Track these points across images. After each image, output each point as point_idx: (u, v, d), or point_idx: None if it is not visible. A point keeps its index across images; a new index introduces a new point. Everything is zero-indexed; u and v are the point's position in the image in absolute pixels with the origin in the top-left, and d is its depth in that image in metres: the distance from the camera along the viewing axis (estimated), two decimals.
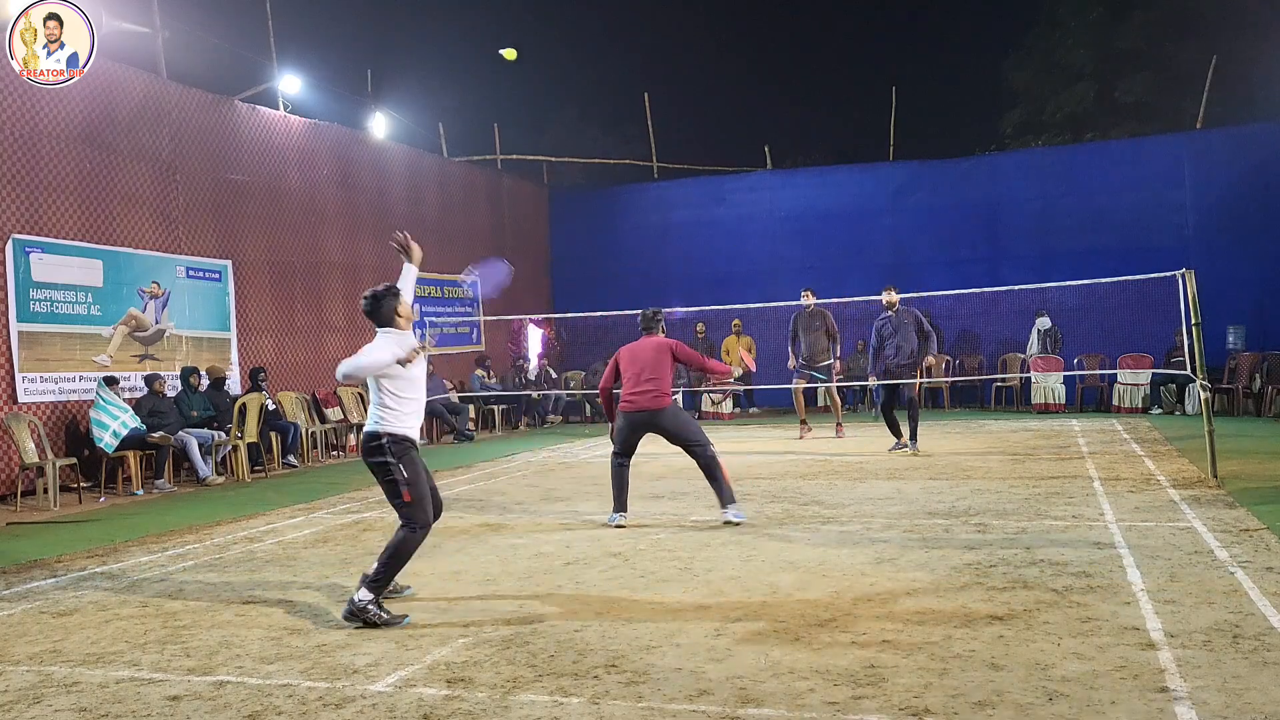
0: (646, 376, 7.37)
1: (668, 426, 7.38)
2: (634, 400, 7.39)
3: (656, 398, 7.34)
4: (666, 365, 7.42)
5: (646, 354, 7.46)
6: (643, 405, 7.35)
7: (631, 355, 7.54)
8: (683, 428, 7.44)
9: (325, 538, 7.48)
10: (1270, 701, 3.44)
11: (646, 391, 7.34)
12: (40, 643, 4.88)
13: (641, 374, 7.39)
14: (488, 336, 18.81)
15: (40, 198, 10.78)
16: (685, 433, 7.42)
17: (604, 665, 4.14)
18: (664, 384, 7.37)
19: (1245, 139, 17.08)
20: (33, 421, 10.20)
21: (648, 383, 7.35)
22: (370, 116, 16.95)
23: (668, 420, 7.38)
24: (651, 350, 7.47)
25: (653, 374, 7.36)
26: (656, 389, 7.34)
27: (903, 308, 11.59)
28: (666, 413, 7.38)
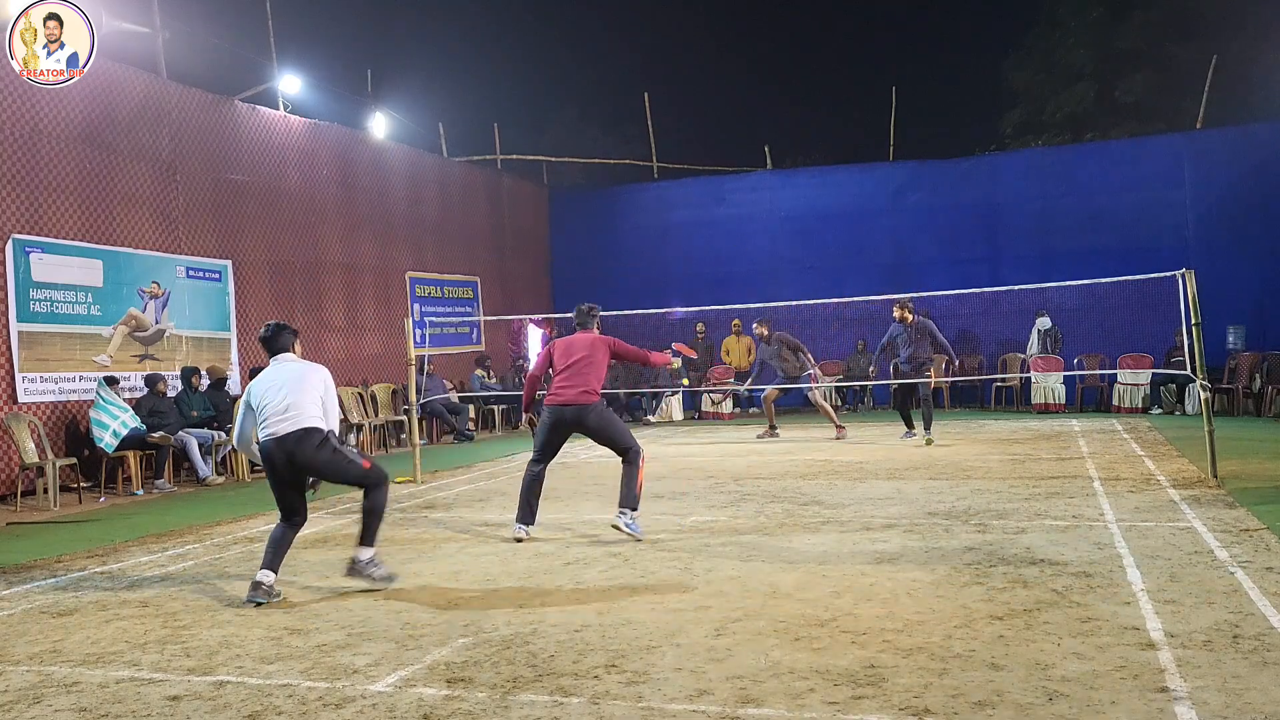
0: (577, 371, 7.02)
1: (593, 425, 6.99)
2: (560, 394, 7.03)
3: (585, 393, 6.97)
4: (601, 362, 7.10)
5: (581, 348, 7.11)
6: (569, 399, 6.98)
7: (567, 348, 7.19)
8: (609, 427, 7.05)
9: (325, 538, 7.48)
10: (1270, 701, 3.44)
11: (575, 386, 6.98)
12: (40, 643, 4.88)
13: (574, 367, 7.04)
14: (488, 336, 18.82)
15: (40, 198, 10.78)
16: (612, 433, 7.04)
17: (604, 665, 4.14)
18: (595, 380, 7.03)
19: (1245, 139, 17.09)
20: (33, 421, 10.21)
21: (579, 377, 7.00)
22: (370, 116, 16.96)
23: (593, 419, 6.98)
24: (587, 345, 7.13)
25: (584, 369, 7.03)
26: (586, 385, 6.99)
27: (917, 320, 12.44)
28: (592, 411, 6.98)
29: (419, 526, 7.83)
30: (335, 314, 15.24)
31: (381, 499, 5.81)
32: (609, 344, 7.21)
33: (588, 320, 7.36)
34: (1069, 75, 25.61)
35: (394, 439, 14.89)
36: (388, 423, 14.81)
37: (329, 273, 15.19)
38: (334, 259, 15.32)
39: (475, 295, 18.77)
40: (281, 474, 5.74)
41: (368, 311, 15.92)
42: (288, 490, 5.82)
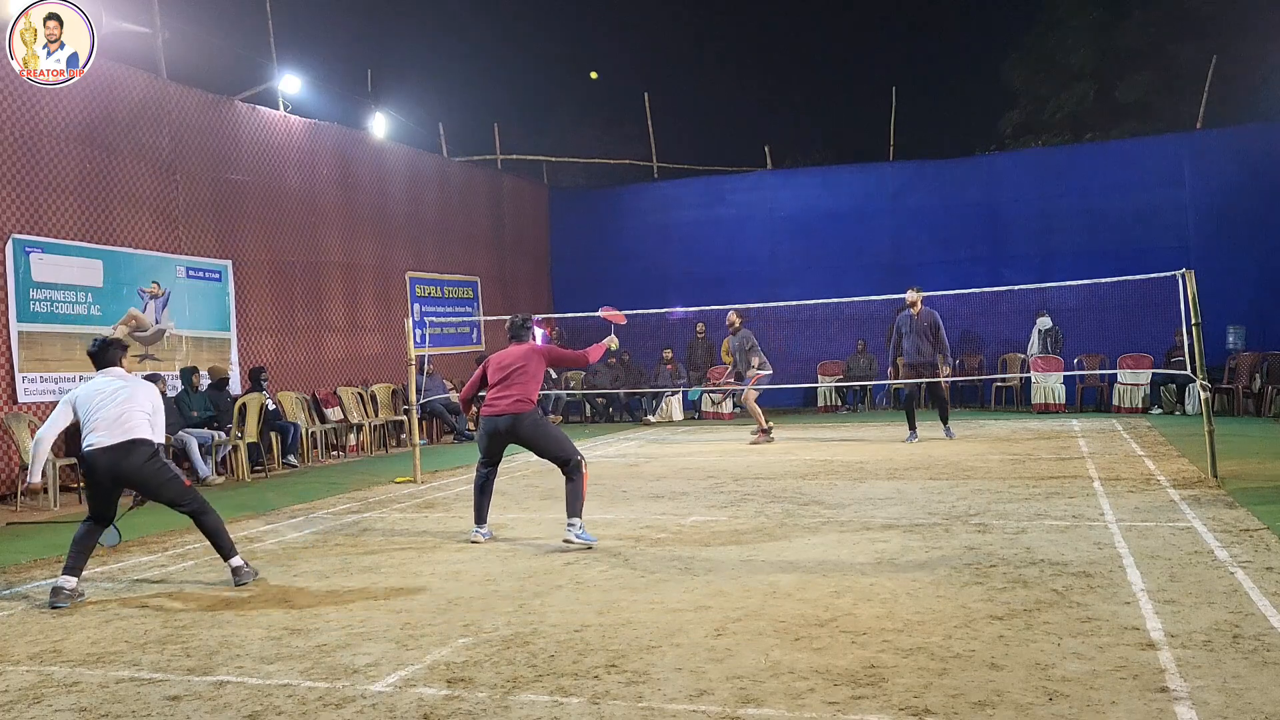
0: (512, 381, 6.98)
1: (526, 435, 6.93)
2: (494, 404, 6.99)
3: (518, 402, 6.92)
4: (535, 370, 7.05)
5: (514, 359, 7.08)
6: (503, 409, 6.92)
7: (499, 362, 7.17)
8: (543, 438, 6.97)
9: (325, 538, 7.48)
10: (1270, 701, 3.45)
11: (508, 396, 6.93)
12: (40, 643, 4.88)
13: (507, 379, 7.00)
14: (488, 336, 18.81)
15: (40, 198, 10.78)
16: (547, 443, 6.97)
17: (604, 665, 4.14)
18: (529, 389, 6.99)
19: (1245, 139, 17.09)
20: (33, 421, 10.20)
21: (513, 387, 6.95)
22: (370, 116, 16.95)
23: (526, 428, 6.91)
24: (520, 356, 7.10)
25: (519, 379, 6.98)
26: (521, 394, 6.94)
27: (925, 310, 12.51)
28: (526, 420, 6.90)
29: (419, 526, 7.83)
30: (335, 314, 15.24)
31: (213, 520, 6.05)
32: (543, 353, 7.24)
33: (521, 333, 7.36)
34: (1069, 75, 25.61)
35: (394, 439, 14.89)
36: (388, 423, 14.81)
37: (329, 273, 15.18)
38: (334, 259, 15.32)
39: (475, 295, 18.77)
40: (103, 482, 5.87)
41: (368, 311, 15.92)
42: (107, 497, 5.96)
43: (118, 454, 5.77)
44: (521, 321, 7.40)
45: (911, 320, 12.44)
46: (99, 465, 5.79)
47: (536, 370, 7.06)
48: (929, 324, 12.36)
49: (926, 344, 12.34)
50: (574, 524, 6.69)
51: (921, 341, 12.34)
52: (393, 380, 15.44)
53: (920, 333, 12.35)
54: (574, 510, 6.74)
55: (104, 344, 6.19)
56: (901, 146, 19.87)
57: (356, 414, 14.36)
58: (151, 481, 5.94)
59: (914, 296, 12.48)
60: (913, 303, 12.46)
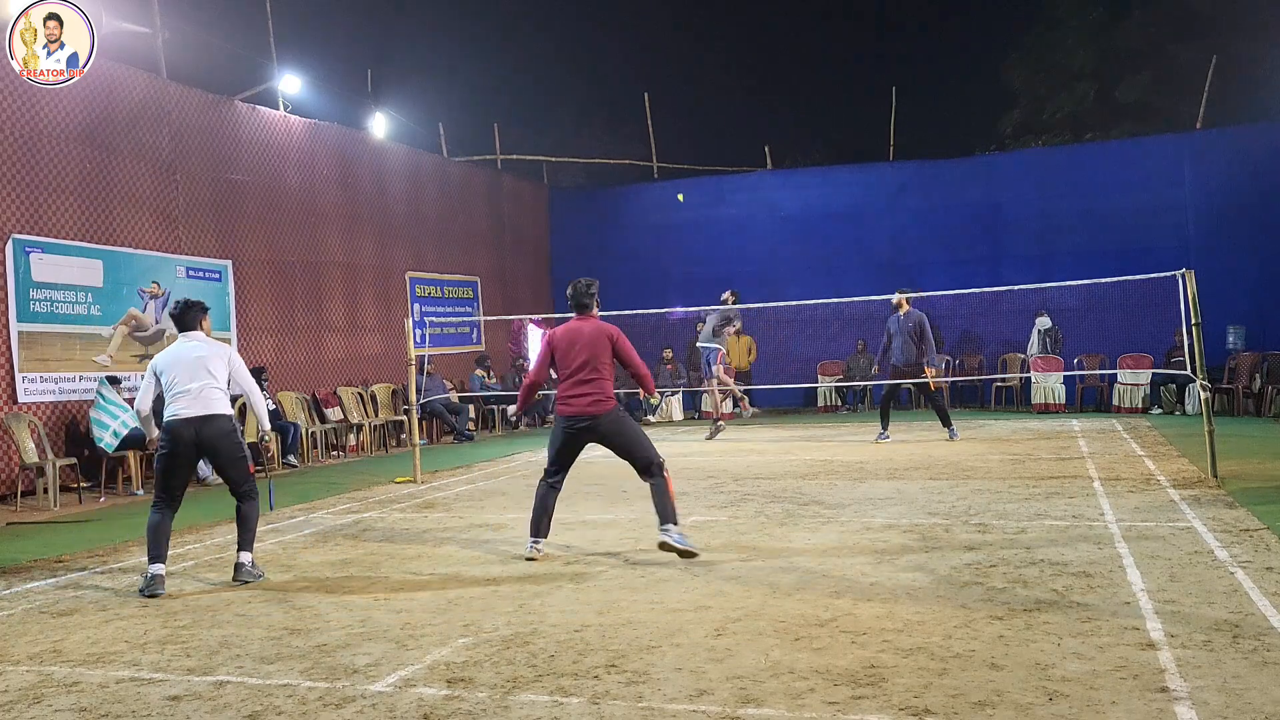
0: (588, 372, 6.14)
1: (607, 434, 6.16)
2: (570, 402, 6.16)
3: (599, 401, 6.12)
4: (608, 361, 6.19)
5: (585, 344, 6.18)
6: (580, 409, 6.12)
7: (569, 341, 6.22)
8: (624, 436, 6.19)
9: (325, 538, 7.48)
10: (1270, 701, 3.44)
11: (587, 394, 6.13)
12: (40, 643, 4.88)
13: (581, 370, 6.15)
14: (488, 336, 18.82)
15: (40, 198, 10.78)
16: (628, 444, 6.19)
17: (604, 665, 4.14)
18: (607, 382, 6.17)
19: (1245, 139, 17.09)
20: (33, 421, 10.21)
21: (588, 383, 6.14)
22: (370, 116, 16.96)
23: (607, 427, 6.14)
24: (589, 340, 6.18)
25: (593, 371, 6.15)
26: (600, 391, 6.13)
27: (911, 311, 12.57)
28: (606, 419, 6.12)
29: (419, 526, 7.83)
30: (335, 314, 15.24)
31: (254, 510, 6.08)
32: (612, 339, 6.26)
33: (587, 301, 6.37)
34: (1069, 75, 25.61)
35: (394, 439, 14.89)
36: (388, 423, 14.81)
37: (329, 273, 15.19)
38: (334, 259, 15.32)
39: (475, 295, 18.77)
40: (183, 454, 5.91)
41: (368, 311, 15.92)
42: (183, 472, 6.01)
43: (200, 424, 5.85)
44: (587, 286, 6.34)
45: (899, 322, 12.51)
46: (183, 436, 5.84)
47: (609, 360, 6.21)
48: (914, 325, 12.42)
49: (913, 346, 12.39)
50: (668, 529, 6.06)
51: (908, 343, 12.40)
52: (393, 380, 15.44)
53: (907, 334, 12.42)
54: (667, 515, 6.09)
55: (185, 306, 6.21)
56: (901, 146, 19.88)
57: (356, 414, 14.36)
58: (226, 455, 5.96)
59: (899, 298, 12.56)
60: (898, 304, 12.54)
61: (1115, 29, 24.93)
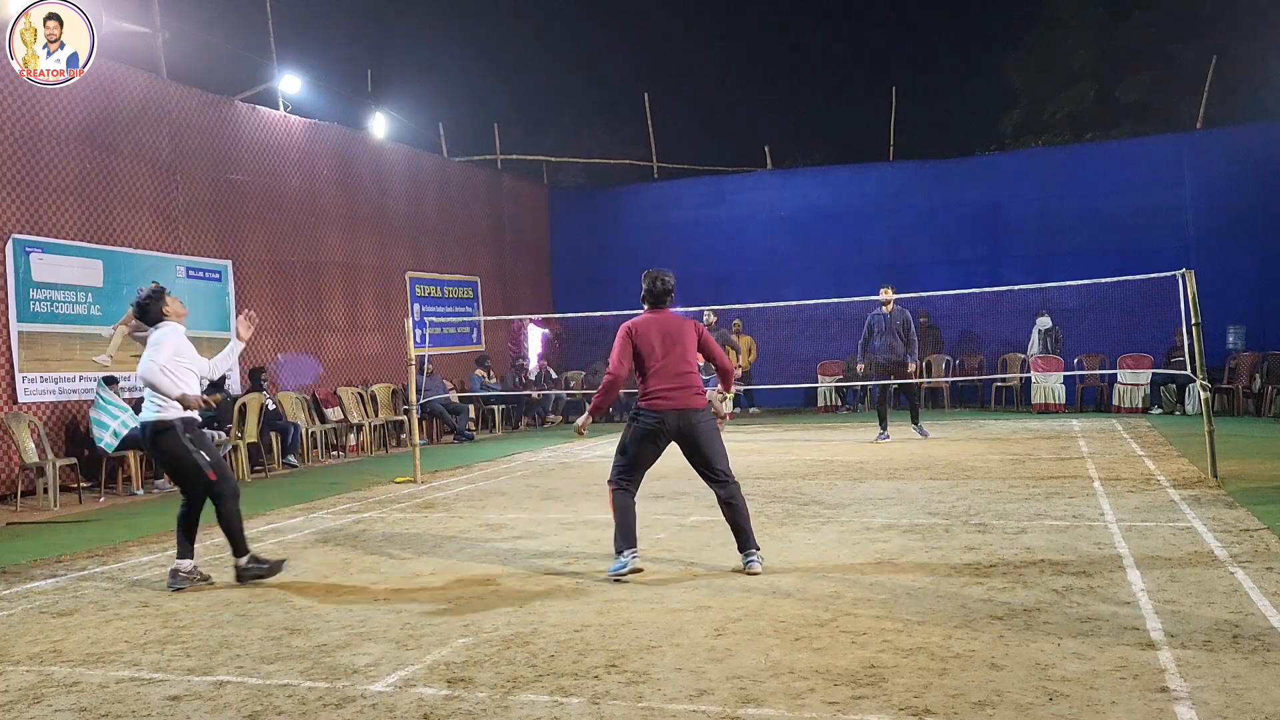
0: (682, 366, 5.64)
1: (701, 437, 5.63)
2: (670, 397, 5.58)
3: (697, 394, 5.62)
4: (693, 351, 5.74)
5: (674, 334, 5.68)
6: (680, 404, 5.56)
7: (661, 334, 5.69)
8: (713, 441, 5.70)
9: (325, 538, 7.48)
10: (1270, 701, 3.44)
11: (685, 388, 5.59)
12: (40, 643, 4.88)
13: (677, 361, 5.63)
14: (488, 336, 18.82)
15: (40, 198, 10.78)
16: (712, 450, 5.69)
17: (604, 665, 4.14)
18: (698, 378, 5.73)
19: (1245, 139, 17.09)
20: (33, 421, 10.20)
21: (684, 377, 5.62)
22: (370, 116, 16.96)
23: (703, 427, 5.63)
24: (678, 330, 5.71)
25: (685, 364, 5.66)
26: (695, 385, 5.63)
27: (897, 309, 12.53)
28: (700, 416, 5.63)
29: (419, 526, 7.83)
30: (335, 314, 15.24)
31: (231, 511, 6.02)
32: (698, 331, 5.80)
33: (666, 297, 5.91)
34: (1069, 75, 25.61)
35: (394, 439, 14.88)
36: (388, 423, 14.81)
37: (329, 273, 15.18)
38: (334, 259, 15.32)
39: (475, 295, 18.77)
40: None
41: (368, 311, 15.92)
42: None
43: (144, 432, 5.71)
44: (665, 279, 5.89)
45: (885, 319, 12.49)
46: None
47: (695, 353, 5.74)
48: (901, 323, 12.45)
49: (899, 342, 12.42)
50: (751, 553, 5.65)
51: (894, 340, 12.41)
52: (393, 380, 15.44)
53: (893, 331, 12.43)
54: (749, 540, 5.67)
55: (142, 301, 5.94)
56: (901, 146, 19.88)
57: (356, 414, 14.36)
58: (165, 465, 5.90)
59: (887, 295, 12.53)
60: (886, 301, 12.51)
61: (1115, 29, 24.93)
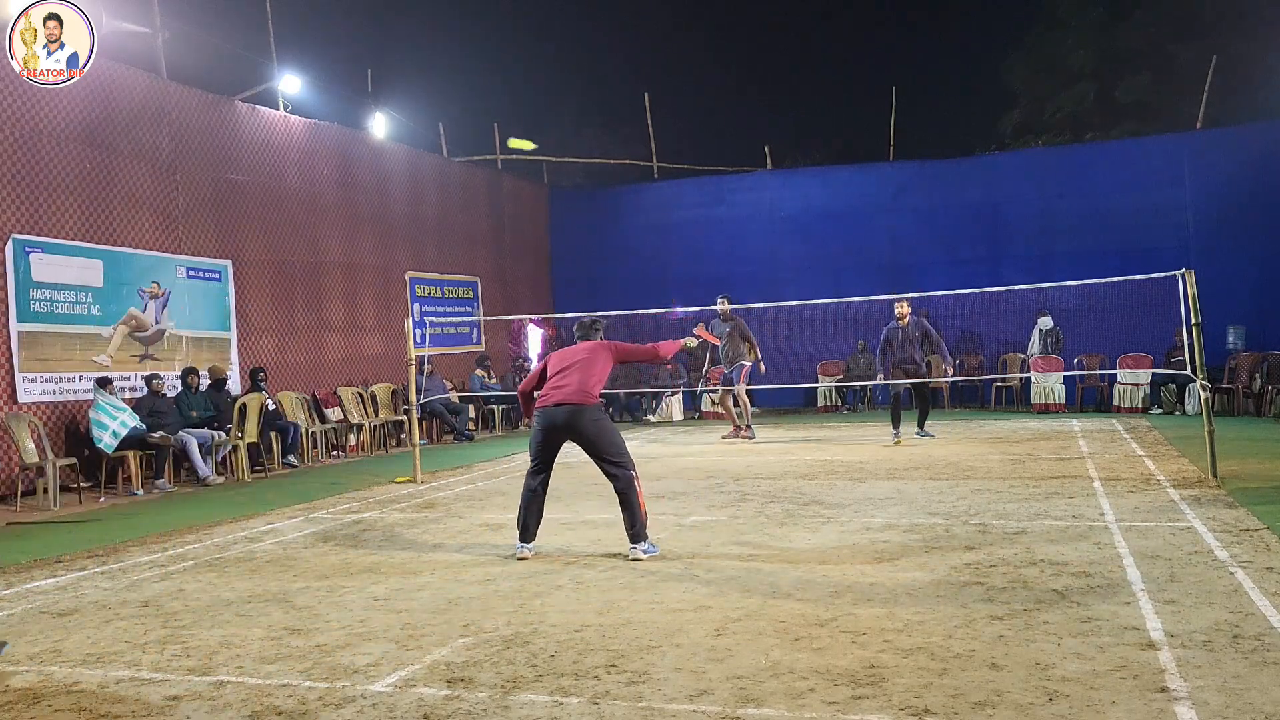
0: (573, 371, 6.47)
1: (588, 431, 6.34)
2: (550, 395, 6.42)
3: (578, 392, 6.35)
4: (600, 365, 6.53)
5: (578, 354, 6.60)
6: (560, 399, 6.35)
7: (561, 356, 6.69)
8: (604, 436, 6.38)
9: (325, 538, 7.48)
10: (1270, 701, 3.44)
11: (567, 385, 6.39)
12: (40, 643, 4.88)
13: (569, 370, 6.49)
14: (488, 336, 18.82)
15: (40, 198, 10.78)
16: (604, 445, 6.36)
17: (604, 665, 4.14)
18: (591, 382, 6.45)
19: (1245, 139, 17.09)
20: (33, 421, 10.20)
21: (574, 376, 6.43)
22: (370, 116, 16.96)
23: (588, 423, 6.34)
24: (586, 350, 6.62)
25: (581, 371, 6.46)
26: (582, 386, 6.38)
27: (913, 319, 12.39)
28: (588, 413, 6.34)
29: (419, 526, 7.83)
30: (335, 314, 15.24)
31: None
32: (611, 348, 6.67)
33: (590, 333, 6.87)
34: (1069, 75, 25.62)
35: (394, 439, 14.89)
36: (388, 423, 14.81)
37: (329, 273, 15.19)
38: (334, 259, 15.32)
39: (475, 295, 18.77)
40: None
41: (368, 311, 15.92)
42: None
43: None
44: (591, 323, 6.91)
45: (903, 331, 12.28)
46: None
47: (602, 365, 6.55)
48: (920, 332, 12.32)
49: (919, 351, 12.33)
50: (636, 547, 6.23)
51: (914, 350, 12.28)
52: (393, 380, 15.44)
53: (912, 342, 12.26)
54: (637, 534, 6.24)
55: None
56: (901, 146, 19.89)
57: (356, 414, 14.36)
58: None
59: (903, 310, 12.30)
60: (902, 314, 12.29)
61: (1115, 29, 24.94)
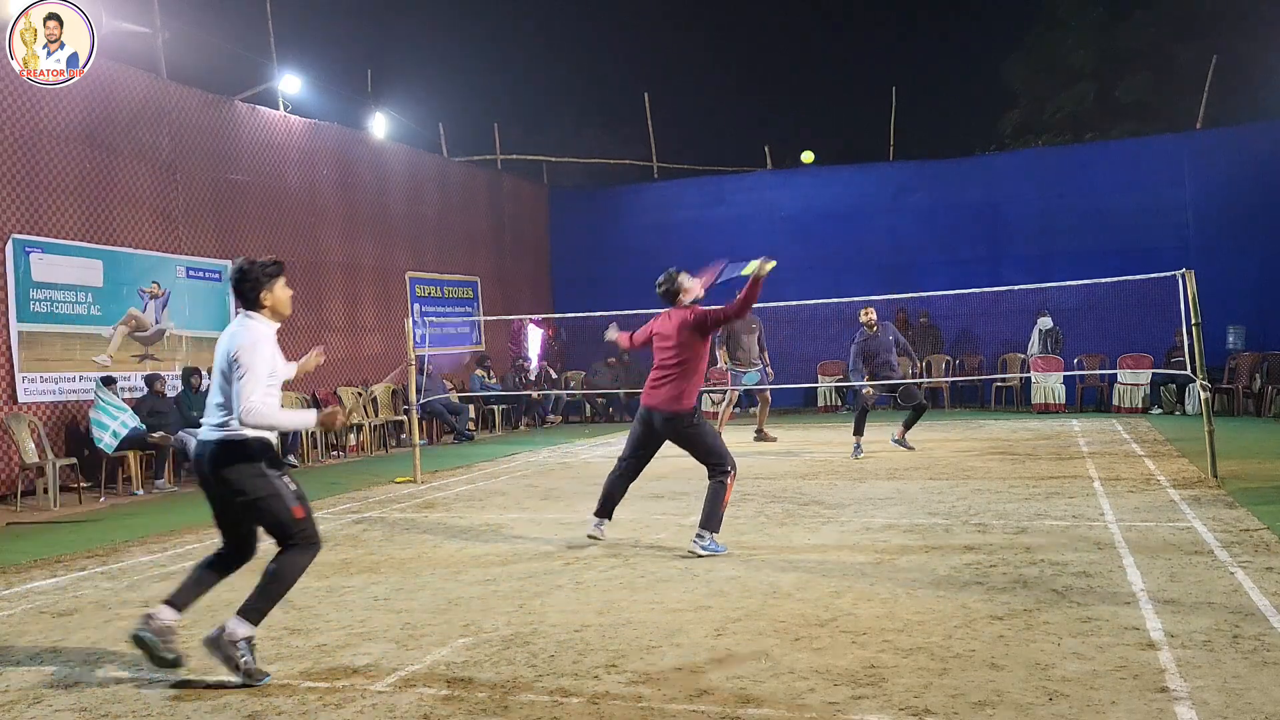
0: (669, 363, 6.10)
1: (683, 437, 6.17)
2: (649, 394, 6.21)
3: (673, 398, 6.07)
4: (693, 349, 6.09)
5: (669, 334, 6.13)
6: (653, 403, 6.16)
7: (660, 331, 6.22)
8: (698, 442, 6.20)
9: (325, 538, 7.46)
10: (1270, 701, 3.44)
11: (661, 387, 6.12)
12: (40, 643, 4.88)
13: (666, 359, 6.11)
14: (488, 336, 18.81)
15: (40, 198, 10.78)
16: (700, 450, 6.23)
17: (604, 665, 4.14)
18: (686, 379, 6.07)
19: (1245, 139, 17.08)
20: (33, 421, 10.20)
21: (668, 373, 6.09)
22: (370, 116, 16.95)
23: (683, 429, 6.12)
24: (673, 331, 6.12)
25: (676, 361, 6.09)
26: (676, 388, 6.05)
27: (882, 325, 11.58)
28: (681, 420, 6.07)
29: (419, 526, 7.83)
30: (335, 314, 15.24)
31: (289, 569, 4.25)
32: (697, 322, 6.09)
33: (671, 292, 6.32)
34: (1069, 75, 25.61)
35: (394, 439, 14.88)
36: (388, 423, 14.81)
37: (329, 273, 15.18)
38: (334, 259, 15.32)
39: (475, 295, 18.76)
40: None
41: (368, 311, 15.92)
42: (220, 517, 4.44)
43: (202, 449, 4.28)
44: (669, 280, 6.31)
45: (874, 341, 11.42)
46: None
47: (694, 347, 6.10)
48: (893, 337, 11.64)
49: (894, 357, 11.56)
50: (704, 535, 6.13)
51: (890, 356, 11.50)
52: (393, 380, 15.44)
53: (887, 349, 11.50)
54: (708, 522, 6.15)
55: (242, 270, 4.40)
56: (901, 146, 19.89)
57: (356, 414, 14.36)
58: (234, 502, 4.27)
59: (870, 315, 11.48)
60: (869, 322, 11.43)
61: (1115, 29, 24.94)
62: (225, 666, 4.06)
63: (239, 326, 4.32)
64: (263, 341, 4.24)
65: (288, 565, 4.22)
